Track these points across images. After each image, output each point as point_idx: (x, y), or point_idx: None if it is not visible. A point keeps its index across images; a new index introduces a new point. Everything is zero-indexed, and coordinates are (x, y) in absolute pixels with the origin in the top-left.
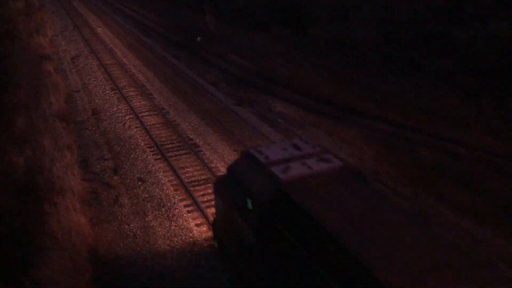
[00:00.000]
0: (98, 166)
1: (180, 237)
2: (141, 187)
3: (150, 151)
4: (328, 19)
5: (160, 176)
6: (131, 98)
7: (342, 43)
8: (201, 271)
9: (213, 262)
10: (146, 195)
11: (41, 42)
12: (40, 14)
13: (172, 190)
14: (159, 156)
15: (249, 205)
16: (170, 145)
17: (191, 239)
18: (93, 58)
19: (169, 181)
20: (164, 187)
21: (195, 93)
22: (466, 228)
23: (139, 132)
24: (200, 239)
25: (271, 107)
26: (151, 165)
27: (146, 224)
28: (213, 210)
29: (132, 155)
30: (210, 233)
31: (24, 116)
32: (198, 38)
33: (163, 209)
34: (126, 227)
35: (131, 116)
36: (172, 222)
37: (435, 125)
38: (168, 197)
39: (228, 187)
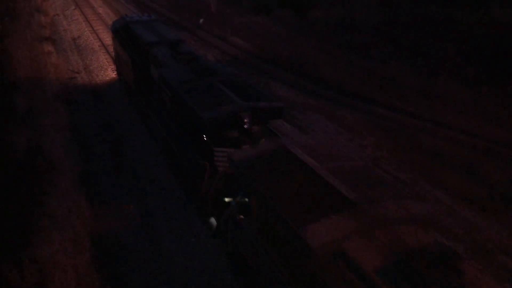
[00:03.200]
0: (98, 147)
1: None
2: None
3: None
4: (330, 1)
5: None
6: None
7: (343, 26)
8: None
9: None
10: None
11: (42, 22)
12: None
13: None
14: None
15: (115, 32)
16: None
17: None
18: (94, 38)
19: None
20: None
21: None
22: (464, 215)
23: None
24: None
25: (273, 91)
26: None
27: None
28: None
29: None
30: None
31: (24, 96)
32: (200, 20)
33: None
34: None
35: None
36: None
37: (435, 111)
38: None
39: (112, 30)
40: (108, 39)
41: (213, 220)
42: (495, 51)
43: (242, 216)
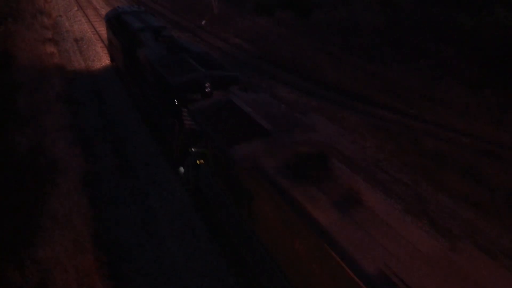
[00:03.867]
0: (99, 148)
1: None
2: None
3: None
4: (332, 3)
5: None
6: None
7: (345, 28)
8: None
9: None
10: None
11: (44, 23)
12: None
13: None
14: None
15: (108, 21)
16: None
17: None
18: (97, 39)
19: None
20: None
21: None
22: (466, 217)
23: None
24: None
25: (274, 92)
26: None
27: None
28: None
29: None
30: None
31: (27, 96)
32: (203, 22)
33: None
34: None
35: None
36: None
37: (437, 113)
38: None
39: (105, 20)
40: None
41: (181, 169)
42: (498, 53)
43: (202, 161)
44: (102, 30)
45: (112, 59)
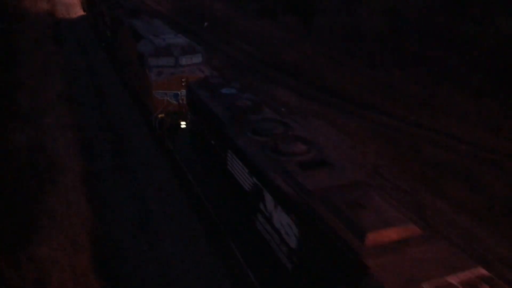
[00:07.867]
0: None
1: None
2: None
3: None
4: (336, 8)
5: None
6: None
7: (348, 34)
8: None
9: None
10: None
11: (48, 22)
12: None
13: None
14: None
15: None
16: None
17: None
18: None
19: None
20: None
21: None
22: (464, 225)
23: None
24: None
25: (275, 96)
26: None
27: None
28: None
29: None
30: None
31: (28, 94)
32: (205, 24)
33: None
34: None
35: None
36: None
37: (437, 120)
38: None
39: None
40: None
41: (102, 44)
42: (498, 61)
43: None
44: None
45: (84, 10)
